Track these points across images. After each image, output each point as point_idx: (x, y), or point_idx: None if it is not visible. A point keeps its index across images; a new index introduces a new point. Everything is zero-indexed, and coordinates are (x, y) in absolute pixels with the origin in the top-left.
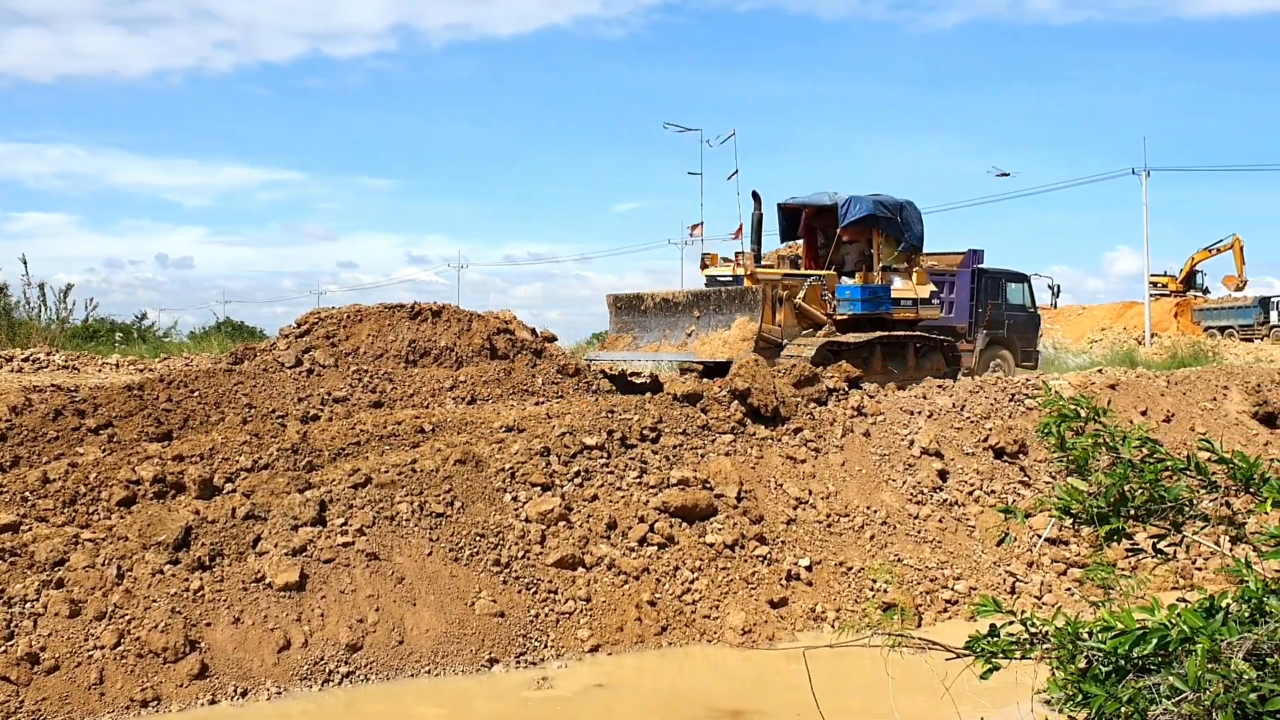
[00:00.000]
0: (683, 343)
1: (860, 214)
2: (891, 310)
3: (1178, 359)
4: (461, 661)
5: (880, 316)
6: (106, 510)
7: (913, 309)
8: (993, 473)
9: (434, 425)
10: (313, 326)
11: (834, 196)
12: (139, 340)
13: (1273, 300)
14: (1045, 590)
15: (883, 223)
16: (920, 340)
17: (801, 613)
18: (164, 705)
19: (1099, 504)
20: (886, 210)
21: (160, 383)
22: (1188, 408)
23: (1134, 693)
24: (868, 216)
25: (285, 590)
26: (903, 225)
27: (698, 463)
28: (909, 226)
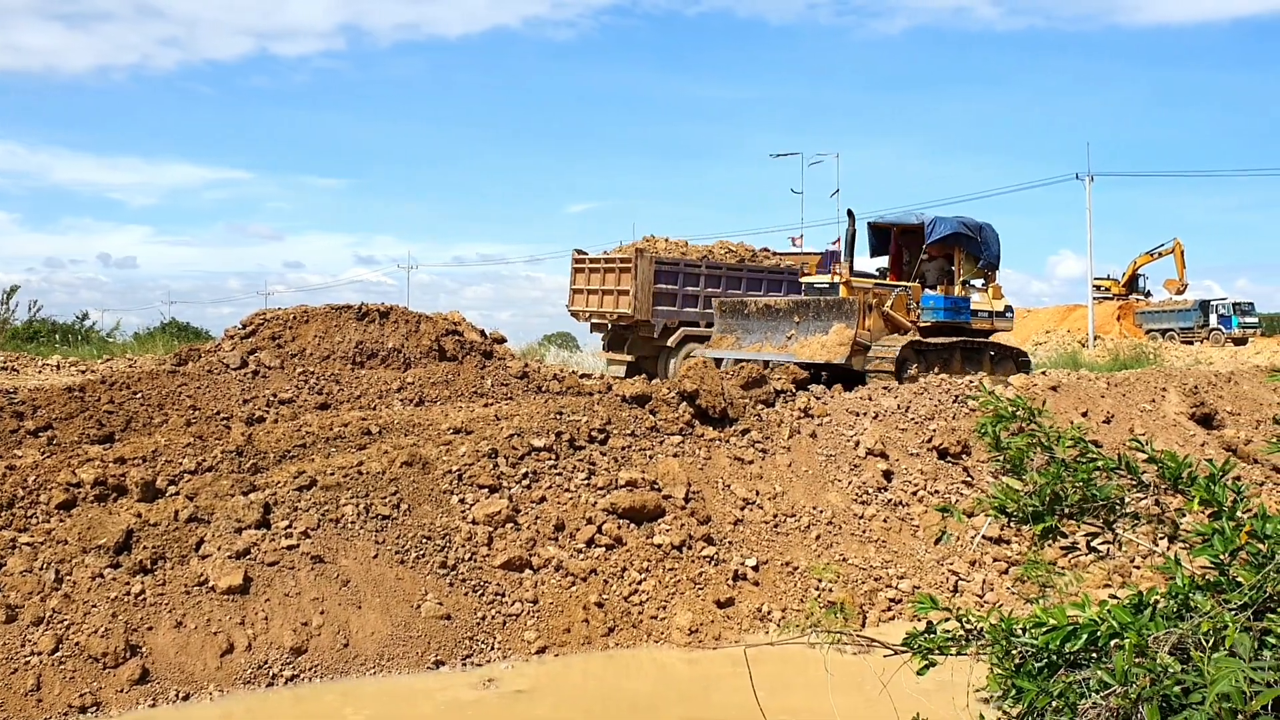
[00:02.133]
0: (783, 345)
1: (945, 233)
2: (969, 320)
3: (1120, 361)
4: (407, 663)
5: (959, 325)
6: (45, 514)
7: (988, 320)
8: (936, 473)
9: (381, 427)
10: (258, 328)
11: (920, 216)
12: (81, 341)
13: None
14: (987, 589)
15: (964, 241)
16: (995, 348)
17: (748, 613)
18: (103, 710)
19: (1034, 503)
20: (969, 230)
21: (102, 384)
22: (1127, 409)
23: (1065, 687)
24: (951, 235)
25: (229, 593)
26: (982, 244)
27: (646, 464)
28: (987, 246)
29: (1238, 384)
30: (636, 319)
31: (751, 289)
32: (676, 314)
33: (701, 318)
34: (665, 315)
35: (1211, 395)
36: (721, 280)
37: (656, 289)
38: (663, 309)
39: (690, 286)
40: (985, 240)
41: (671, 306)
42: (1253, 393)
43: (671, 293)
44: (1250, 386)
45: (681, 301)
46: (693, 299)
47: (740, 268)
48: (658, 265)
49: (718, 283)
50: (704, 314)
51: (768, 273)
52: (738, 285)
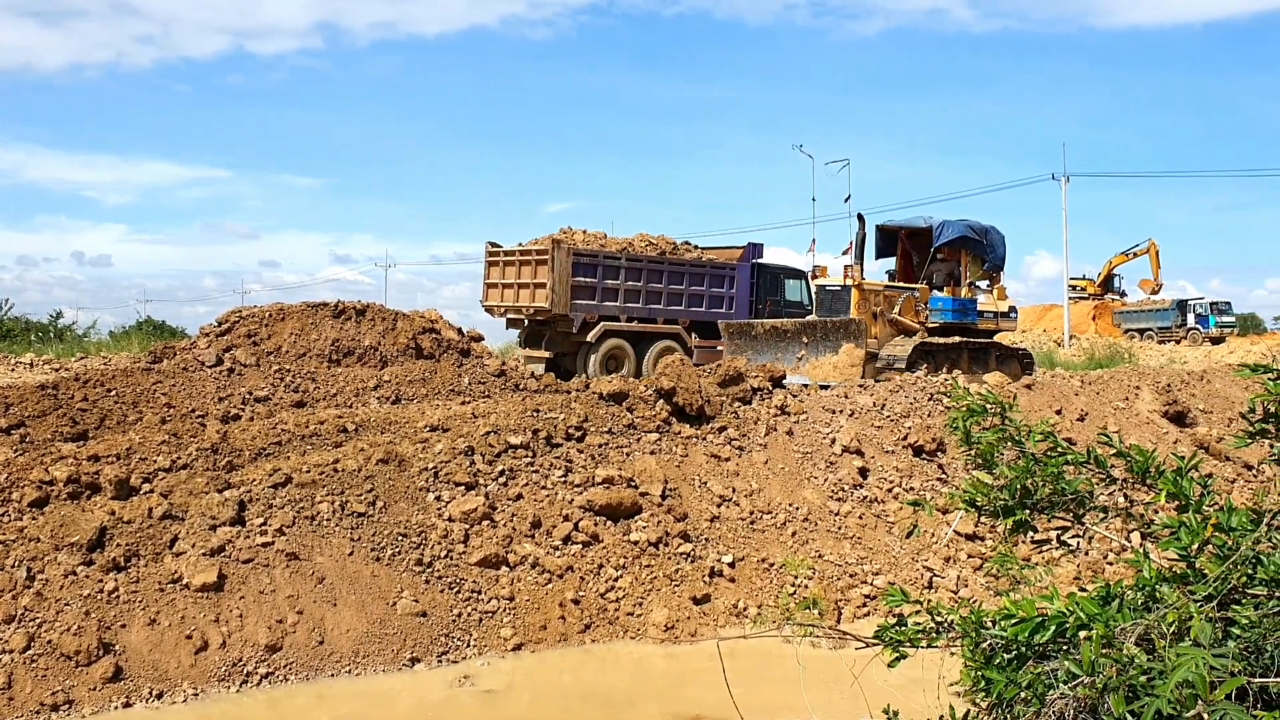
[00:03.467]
0: (795, 366)
1: (953, 236)
2: (976, 321)
3: (1095, 360)
4: (383, 661)
5: (966, 326)
6: (18, 511)
7: (994, 320)
8: (911, 470)
9: (357, 425)
10: (234, 325)
11: (928, 220)
12: (55, 340)
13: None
14: (962, 584)
15: (971, 244)
16: (1000, 348)
17: (724, 609)
18: (76, 709)
19: (1004, 497)
20: (975, 234)
21: (76, 382)
22: (1101, 407)
23: (1033, 678)
24: (959, 238)
25: (203, 591)
26: (988, 247)
27: (623, 461)
28: (993, 248)
29: (1210, 382)
30: (554, 313)
31: (673, 282)
32: (596, 308)
33: (622, 311)
34: (585, 309)
35: (1184, 393)
36: (643, 273)
37: (575, 282)
38: (582, 302)
39: (610, 279)
40: (991, 243)
41: (591, 300)
42: (1225, 391)
43: (591, 285)
44: (1222, 384)
45: (602, 295)
46: (613, 292)
47: (661, 260)
48: (576, 257)
49: (638, 275)
50: (625, 308)
51: (690, 265)
52: (659, 278)
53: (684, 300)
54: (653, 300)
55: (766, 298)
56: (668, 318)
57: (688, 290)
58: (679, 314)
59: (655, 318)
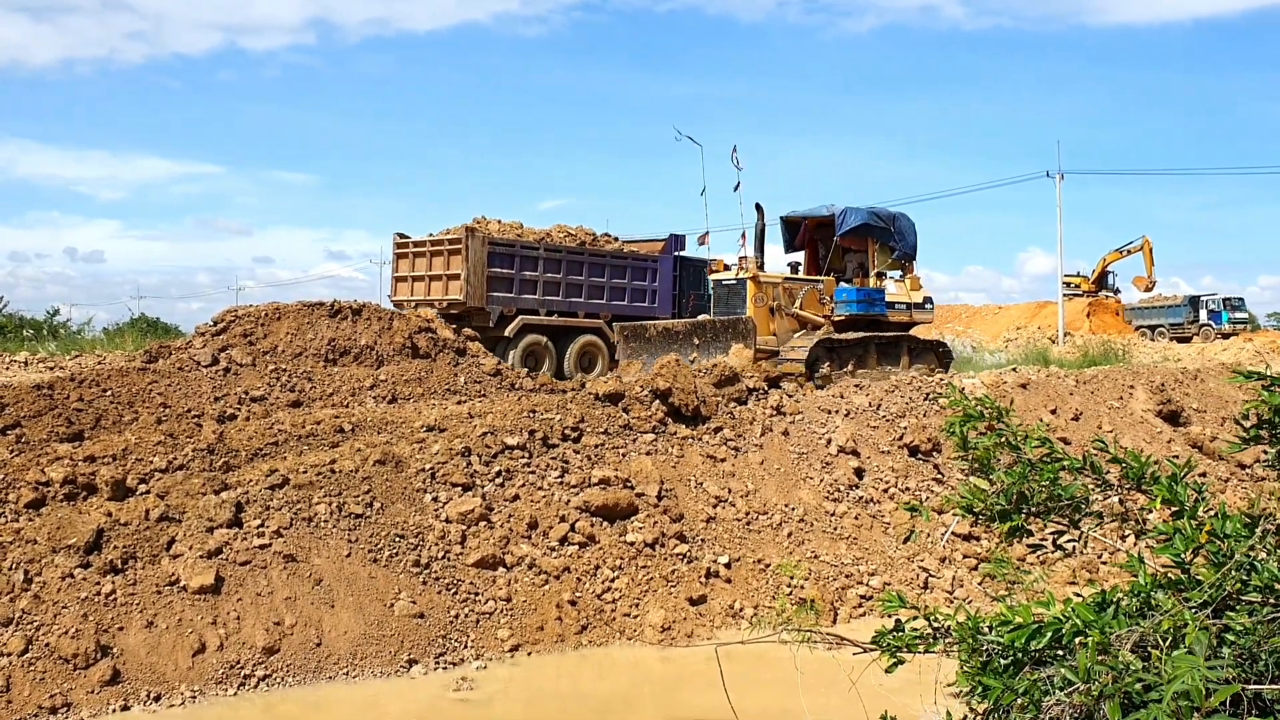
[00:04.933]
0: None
1: (855, 223)
2: (886, 313)
3: (1089, 358)
4: (380, 663)
5: (875, 319)
6: (14, 513)
7: (906, 312)
8: (907, 470)
9: (354, 425)
10: (230, 324)
11: (831, 208)
12: (49, 337)
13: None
14: (957, 585)
15: (876, 232)
16: (914, 341)
17: (720, 610)
18: (74, 711)
19: (1000, 502)
20: (880, 220)
21: (71, 381)
22: (1095, 406)
23: (1029, 684)
24: (862, 226)
25: (200, 593)
26: (895, 234)
27: (619, 462)
28: (902, 236)
29: (1204, 381)
30: (470, 306)
31: (594, 274)
32: (514, 300)
33: (541, 305)
34: (502, 302)
35: (1178, 392)
36: (561, 264)
37: (491, 273)
38: (499, 295)
39: (528, 270)
40: (900, 230)
41: (508, 292)
42: (1218, 390)
43: (507, 277)
44: (1216, 384)
45: (519, 287)
46: (531, 284)
47: (581, 251)
48: (492, 246)
49: (557, 267)
50: (544, 301)
51: (610, 257)
52: (579, 270)
53: (605, 294)
54: (573, 293)
55: (690, 291)
56: (589, 311)
57: (609, 283)
58: (600, 308)
59: (576, 311)
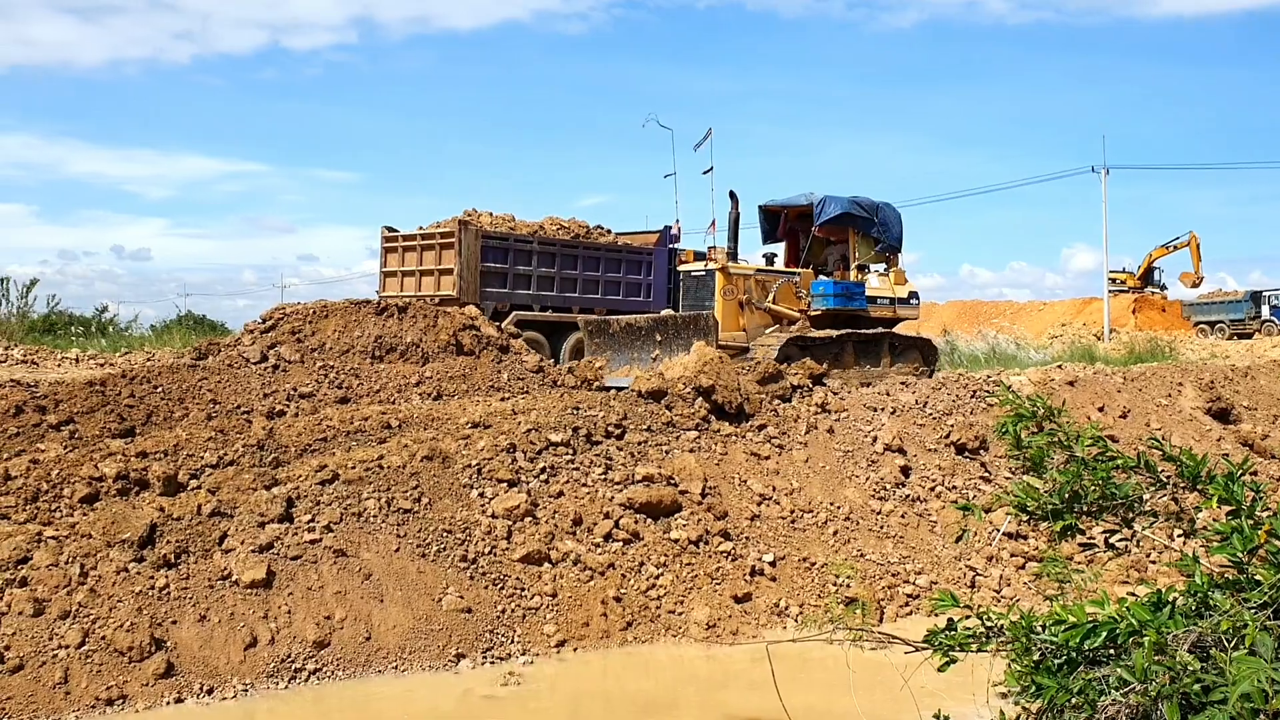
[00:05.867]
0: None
1: (835, 213)
2: (866, 308)
3: (1135, 355)
4: (429, 657)
5: (855, 314)
6: (69, 507)
7: (889, 307)
8: (954, 468)
9: (400, 421)
10: (278, 322)
11: (810, 197)
12: (98, 334)
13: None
14: (1004, 584)
15: (859, 222)
16: (896, 338)
17: (765, 608)
18: (129, 704)
19: (1053, 501)
20: (862, 210)
21: (123, 378)
22: (1143, 404)
23: (1084, 684)
24: (843, 215)
25: (252, 587)
26: (880, 225)
27: (662, 459)
28: (886, 227)
29: (1254, 378)
30: (463, 302)
31: (588, 268)
32: (508, 296)
33: (535, 300)
34: (495, 298)
35: (1228, 390)
36: (556, 258)
37: (484, 267)
38: (492, 290)
39: (522, 265)
40: (884, 221)
41: (502, 288)
42: (1269, 387)
43: (501, 272)
44: (1267, 381)
45: (513, 282)
46: (525, 279)
47: (576, 245)
48: (485, 240)
49: (551, 261)
50: (538, 296)
51: (605, 250)
52: (573, 264)
53: (600, 288)
54: (567, 288)
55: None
56: (584, 306)
57: (603, 277)
58: (595, 303)
59: (570, 306)
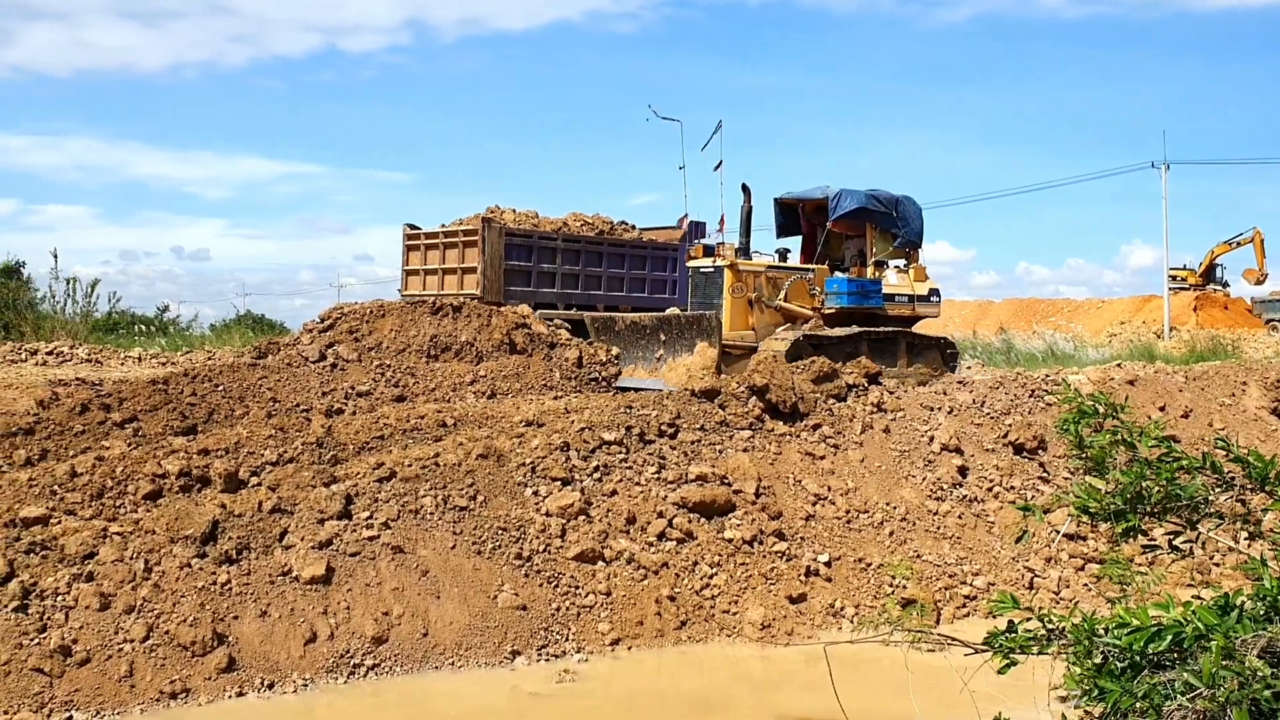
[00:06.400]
0: (654, 368)
1: (851, 207)
2: (883, 306)
3: (1197, 354)
4: (485, 654)
5: (871, 312)
6: (133, 504)
7: (908, 305)
8: (1012, 469)
9: (456, 420)
10: (336, 321)
11: (826, 190)
12: (159, 333)
13: None
14: (1063, 586)
15: (876, 217)
16: (915, 337)
17: (820, 608)
18: (192, 697)
19: (1116, 501)
20: (880, 204)
21: (185, 377)
22: (1206, 403)
23: (1149, 688)
24: (859, 210)
25: (311, 583)
26: (898, 220)
27: (716, 459)
28: (905, 222)
29: None
30: (486, 300)
31: (613, 265)
32: (532, 294)
33: (559, 298)
34: (519, 296)
35: None
36: (580, 256)
37: (508, 265)
38: (516, 289)
39: (546, 263)
40: (903, 215)
41: (526, 286)
42: None
43: (525, 270)
44: None
45: (537, 280)
46: (549, 277)
47: (600, 241)
48: (509, 237)
49: (576, 259)
50: (562, 294)
51: (630, 247)
52: (598, 261)
53: (625, 285)
54: (592, 285)
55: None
56: (608, 304)
57: (628, 274)
58: (621, 300)
59: (595, 304)
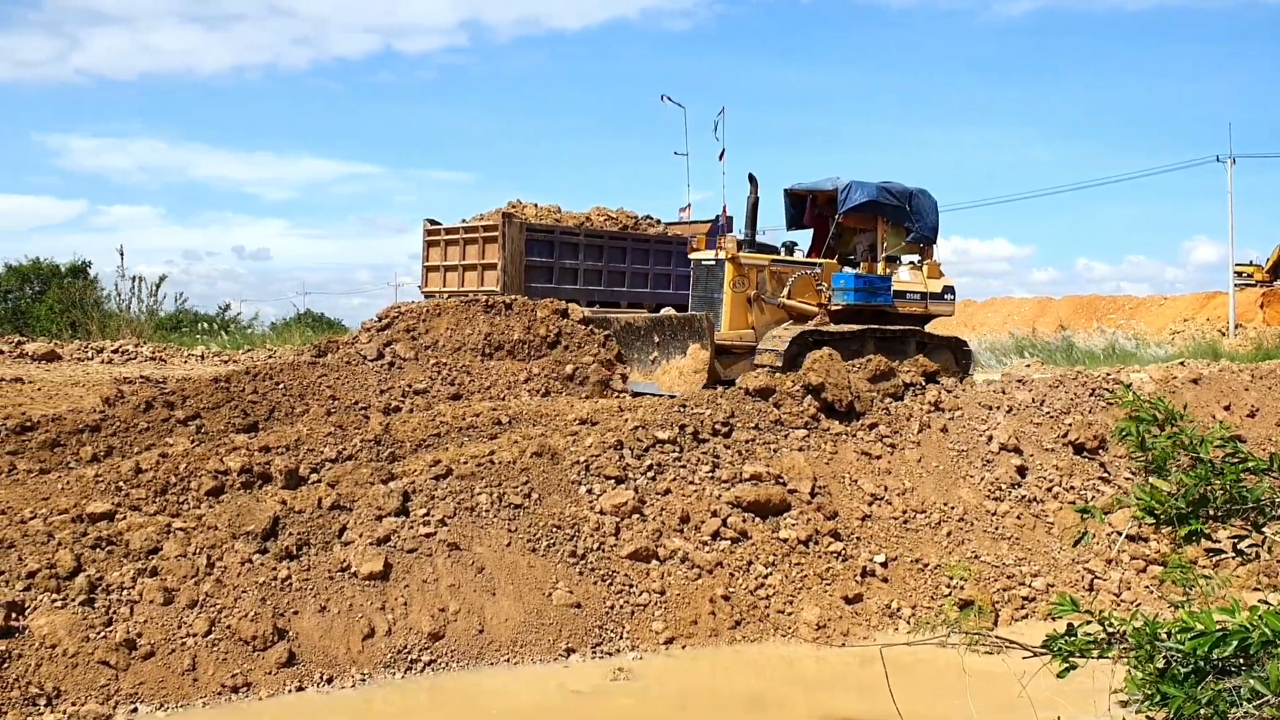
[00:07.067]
0: (649, 370)
1: (861, 200)
2: (893, 303)
3: (1264, 351)
4: (540, 651)
5: (880, 309)
6: (196, 500)
7: (920, 303)
8: (1072, 469)
9: (510, 417)
10: (393, 320)
11: (835, 182)
12: (221, 331)
13: None
14: (1124, 588)
15: (888, 210)
16: (926, 337)
17: (876, 609)
18: (253, 691)
19: (1179, 504)
20: (893, 197)
21: (246, 375)
22: (1273, 402)
23: (1214, 695)
24: (870, 203)
25: (370, 579)
26: (912, 214)
27: (770, 458)
28: (919, 216)
29: None
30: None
31: (637, 261)
32: (553, 291)
33: (583, 295)
34: (540, 292)
35: None
36: (603, 251)
37: (529, 261)
38: (537, 285)
39: (568, 259)
40: (917, 210)
41: (547, 282)
42: None
43: (547, 266)
44: None
45: (558, 276)
46: (571, 273)
47: (623, 236)
48: (530, 233)
49: (599, 254)
50: (584, 290)
51: (654, 242)
52: (621, 257)
53: (649, 281)
54: (615, 281)
55: None
56: (633, 301)
57: (653, 270)
58: (645, 297)
59: (619, 301)
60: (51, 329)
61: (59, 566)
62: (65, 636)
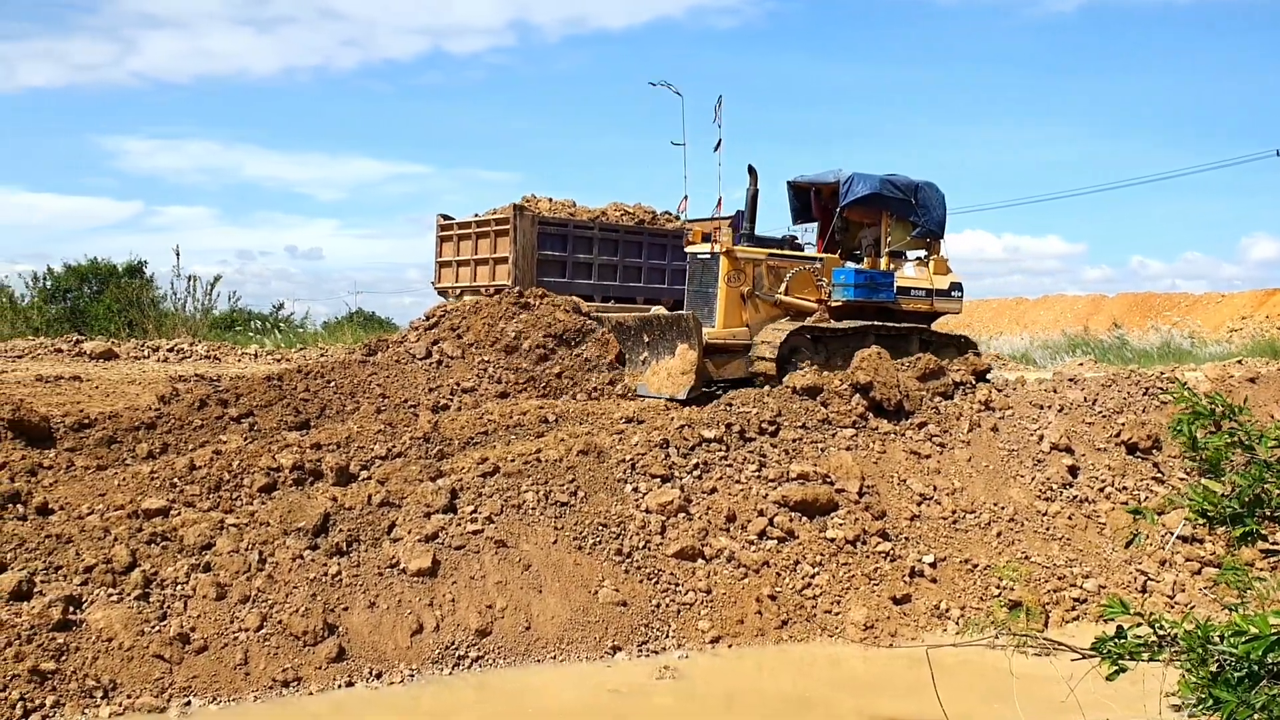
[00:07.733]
0: (639, 371)
1: (863, 193)
2: (896, 300)
3: None
4: (586, 648)
5: (883, 306)
6: (249, 496)
7: (925, 300)
8: (1124, 469)
9: (557, 416)
10: (440, 319)
11: (838, 174)
12: (274, 330)
13: None
14: (1178, 590)
15: (892, 204)
16: (930, 335)
17: (925, 610)
18: (303, 686)
19: (1233, 505)
20: (897, 190)
21: (298, 373)
22: None
23: (1268, 699)
24: (873, 196)
25: (418, 576)
26: (917, 208)
27: (818, 457)
28: (925, 210)
29: None
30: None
31: (653, 256)
32: (566, 286)
33: (597, 290)
34: (553, 287)
35: None
36: (618, 246)
37: (541, 255)
38: (550, 280)
39: (582, 253)
40: (922, 203)
41: (560, 277)
42: None
43: (560, 260)
44: None
45: (572, 271)
46: (585, 268)
47: (640, 231)
48: (542, 226)
49: (613, 249)
50: (598, 286)
51: (671, 237)
52: (636, 252)
53: (666, 277)
54: (631, 277)
55: None
56: (649, 297)
57: (670, 265)
58: (662, 293)
59: (634, 297)
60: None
61: (115, 561)
62: (121, 630)
